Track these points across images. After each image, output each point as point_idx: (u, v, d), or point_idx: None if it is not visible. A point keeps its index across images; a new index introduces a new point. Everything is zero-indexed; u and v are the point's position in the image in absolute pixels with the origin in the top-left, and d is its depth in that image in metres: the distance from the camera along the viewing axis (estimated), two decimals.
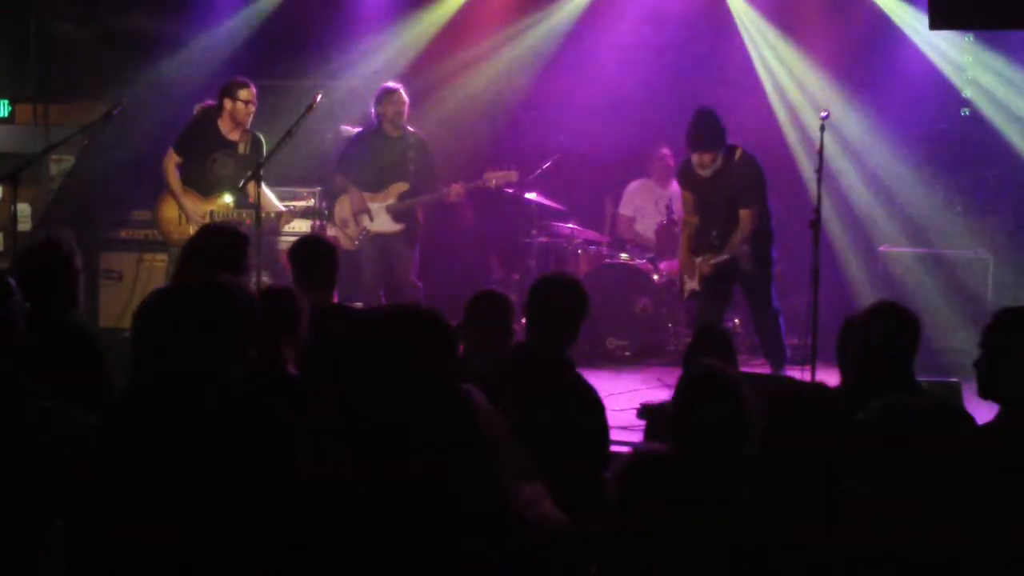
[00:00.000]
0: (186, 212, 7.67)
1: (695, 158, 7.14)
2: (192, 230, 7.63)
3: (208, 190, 7.69)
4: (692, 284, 7.29)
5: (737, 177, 7.08)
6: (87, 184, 9.07)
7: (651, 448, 2.99)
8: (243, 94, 7.60)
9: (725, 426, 3.11)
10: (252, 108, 7.64)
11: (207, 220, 7.61)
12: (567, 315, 4.12)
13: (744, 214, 7.09)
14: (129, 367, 4.16)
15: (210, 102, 7.74)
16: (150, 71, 8.92)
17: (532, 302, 4.13)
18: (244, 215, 7.55)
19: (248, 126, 7.69)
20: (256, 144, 7.71)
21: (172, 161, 7.70)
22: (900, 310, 3.83)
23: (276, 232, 7.91)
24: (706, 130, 7.06)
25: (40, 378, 3.30)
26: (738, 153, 7.14)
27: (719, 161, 7.08)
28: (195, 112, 7.83)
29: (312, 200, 8.57)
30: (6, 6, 9.40)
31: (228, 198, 7.63)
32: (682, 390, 3.24)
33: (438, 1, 9.60)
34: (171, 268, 7.70)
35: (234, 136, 7.69)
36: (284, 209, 7.70)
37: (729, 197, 7.08)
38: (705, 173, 7.13)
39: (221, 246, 4.75)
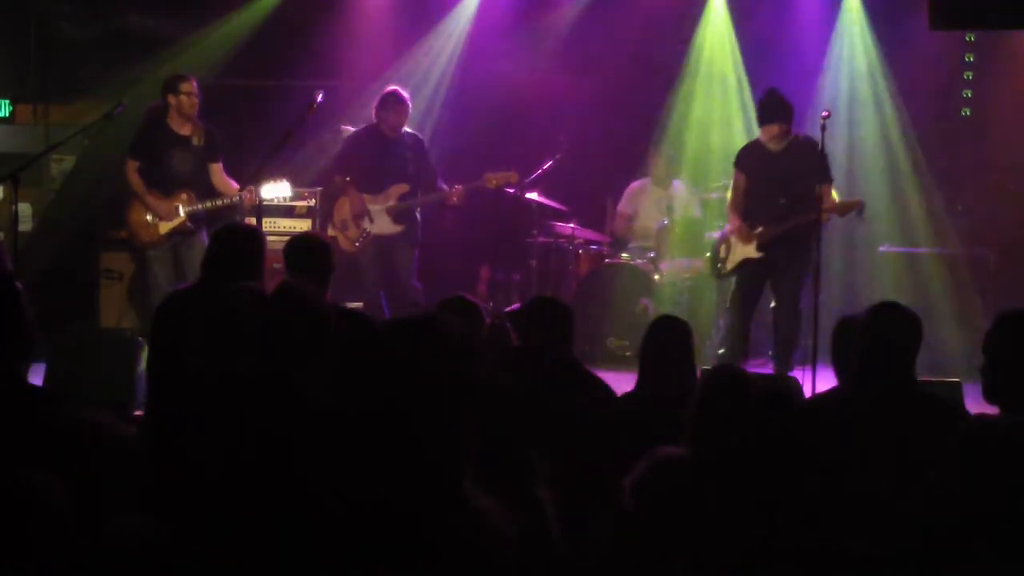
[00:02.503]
0: (154, 212, 7.70)
1: (766, 132, 7.29)
2: (163, 228, 7.68)
3: (169, 188, 7.73)
4: (746, 251, 7.38)
5: (807, 154, 7.19)
6: (88, 184, 9.07)
7: (667, 453, 2.98)
8: (184, 87, 7.66)
9: (745, 428, 3.11)
10: (195, 99, 7.69)
11: (175, 216, 7.69)
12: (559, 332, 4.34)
13: (825, 189, 7.15)
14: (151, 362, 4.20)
15: (156, 103, 7.78)
16: (150, 71, 8.92)
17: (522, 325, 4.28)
18: (209, 205, 7.63)
19: (195, 117, 7.73)
20: (209, 136, 7.77)
21: (132, 167, 7.75)
22: (902, 310, 3.82)
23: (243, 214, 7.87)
24: (778, 102, 7.24)
25: None
26: (800, 135, 7.34)
27: (788, 136, 7.21)
28: (143, 115, 7.85)
29: (313, 200, 8.58)
30: (6, 6, 9.40)
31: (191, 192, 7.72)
32: (702, 392, 3.24)
33: (439, 1, 9.61)
34: (157, 268, 7.71)
35: (185, 131, 7.74)
36: (247, 195, 7.58)
37: (798, 173, 7.16)
38: (775, 147, 7.25)
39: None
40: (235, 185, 7.62)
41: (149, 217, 7.74)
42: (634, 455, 3.04)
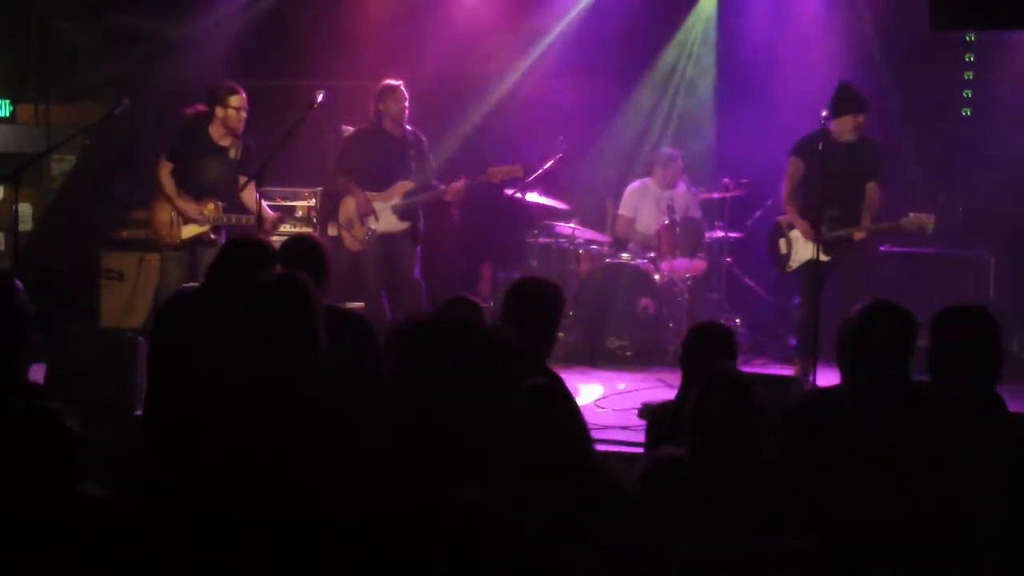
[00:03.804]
0: (183, 214, 7.66)
1: (840, 124, 7.34)
2: (185, 233, 7.65)
3: (199, 194, 7.69)
4: (812, 251, 7.36)
5: (868, 150, 7.37)
6: (88, 184, 9.08)
7: (668, 453, 2.99)
8: (234, 100, 7.58)
9: (744, 429, 3.10)
10: (243, 114, 7.62)
11: (199, 224, 7.64)
12: (544, 317, 4.26)
13: (871, 187, 7.37)
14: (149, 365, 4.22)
15: (200, 108, 7.73)
16: (150, 71, 8.92)
17: (509, 303, 4.23)
18: (234, 220, 7.56)
19: (240, 132, 7.68)
20: (247, 150, 7.69)
21: (165, 169, 7.68)
22: (894, 309, 3.80)
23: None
24: (853, 93, 7.32)
25: None
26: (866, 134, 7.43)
27: (862, 128, 7.31)
28: (183, 117, 7.81)
29: (313, 200, 8.57)
30: (6, 6, 9.41)
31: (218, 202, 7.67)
32: (701, 393, 3.24)
33: (441, 1, 9.61)
34: (171, 268, 7.71)
35: (225, 142, 7.68)
36: (273, 215, 7.63)
37: (857, 169, 7.24)
38: (846, 139, 7.33)
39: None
40: (260, 199, 7.58)
41: (173, 219, 7.70)
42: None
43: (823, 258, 7.29)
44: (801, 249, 7.64)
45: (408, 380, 2.69)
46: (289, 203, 8.62)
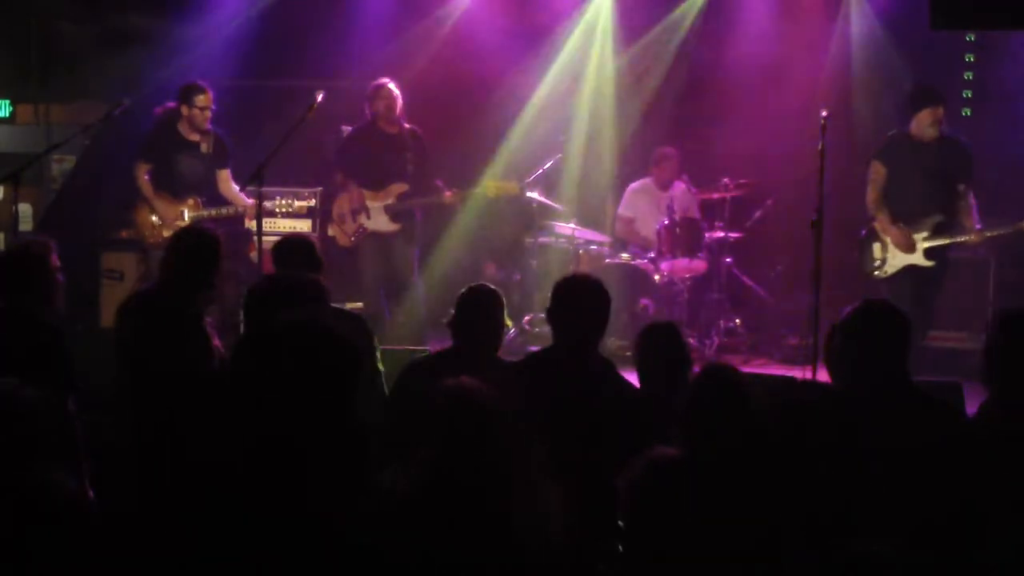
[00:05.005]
0: (160, 216, 7.73)
1: (919, 121, 7.19)
2: (167, 233, 7.67)
3: (177, 192, 7.79)
4: (912, 258, 7.23)
5: (956, 150, 7.18)
6: (88, 184, 9.08)
7: (662, 453, 2.98)
8: (200, 100, 7.73)
9: (741, 428, 3.10)
10: (208, 113, 7.76)
11: (180, 220, 7.69)
12: (597, 315, 4.38)
13: (963, 189, 7.15)
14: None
15: (170, 105, 7.82)
16: (150, 71, 8.92)
17: (561, 304, 4.23)
18: (214, 212, 7.65)
19: (207, 129, 7.78)
20: (219, 143, 7.84)
21: (142, 170, 7.82)
22: (887, 309, 3.78)
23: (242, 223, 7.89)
24: (930, 87, 7.23)
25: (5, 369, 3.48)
26: (948, 132, 7.26)
27: (942, 122, 7.14)
28: (155, 116, 7.89)
29: (313, 200, 8.57)
30: (6, 6, 9.41)
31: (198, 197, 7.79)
32: (693, 392, 3.23)
33: (440, 2, 9.61)
34: (154, 267, 7.72)
35: (194, 138, 7.83)
36: (249, 202, 7.60)
37: (945, 169, 7.08)
38: (928, 137, 7.17)
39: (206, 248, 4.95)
40: (240, 192, 7.62)
41: (154, 219, 7.77)
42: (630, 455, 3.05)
43: (926, 263, 7.19)
44: (900, 255, 7.34)
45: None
46: (289, 203, 8.61)
